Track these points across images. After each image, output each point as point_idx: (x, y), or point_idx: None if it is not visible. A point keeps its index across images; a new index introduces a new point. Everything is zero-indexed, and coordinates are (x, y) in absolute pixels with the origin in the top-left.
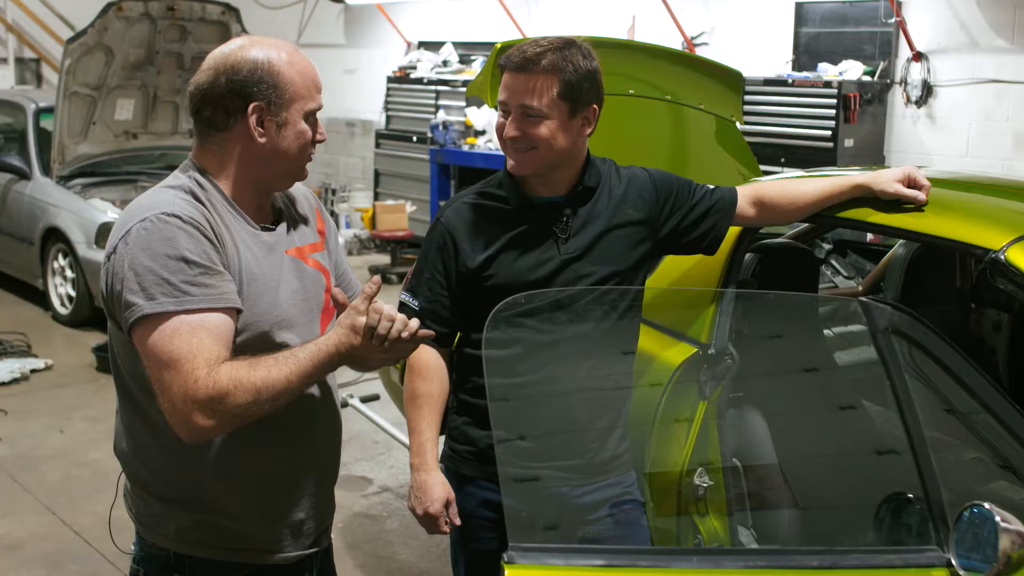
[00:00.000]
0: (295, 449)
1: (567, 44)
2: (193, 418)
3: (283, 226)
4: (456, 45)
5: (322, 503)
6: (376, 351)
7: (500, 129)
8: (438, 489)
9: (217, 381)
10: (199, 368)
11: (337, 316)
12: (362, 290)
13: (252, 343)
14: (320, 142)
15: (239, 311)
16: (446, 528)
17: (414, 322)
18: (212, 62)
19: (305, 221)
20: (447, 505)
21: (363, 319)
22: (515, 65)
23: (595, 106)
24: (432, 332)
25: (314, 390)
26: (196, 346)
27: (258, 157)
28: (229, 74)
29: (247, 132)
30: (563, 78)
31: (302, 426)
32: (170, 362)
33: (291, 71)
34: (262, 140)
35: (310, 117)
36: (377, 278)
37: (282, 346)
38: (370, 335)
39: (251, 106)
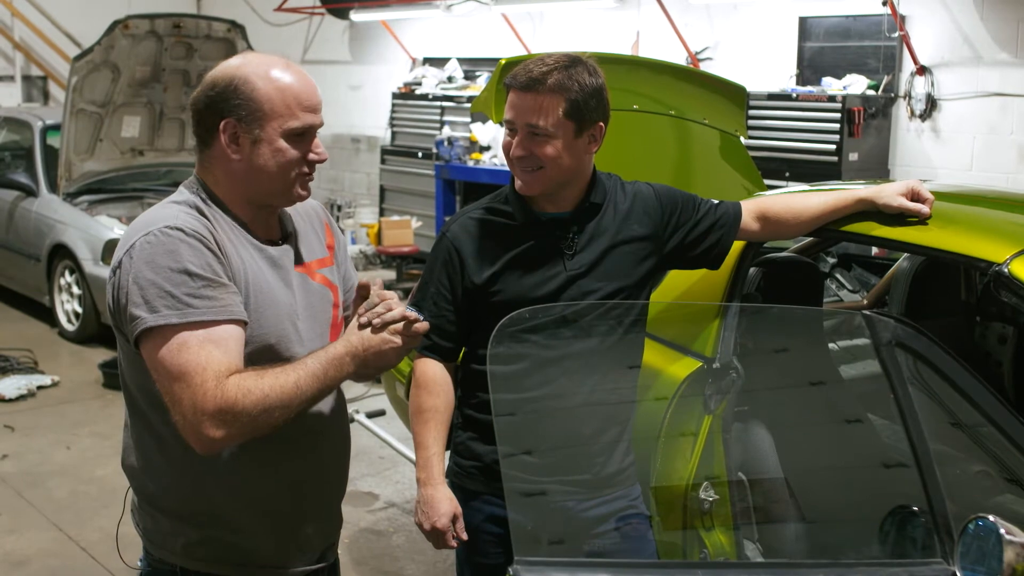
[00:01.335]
0: (303, 464)
1: (573, 62)
2: (204, 429)
3: (291, 242)
4: (461, 61)
5: (330, 518)
6: (383, 347)
7: (507, 148)
8: (445, 504)
9: (225, 392)
10: (208, 380)
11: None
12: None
13: (258, 357)
14: (317, 162)
15: (246, 323)
16: (453, 543)
17: (410, 312)
18: (204, 78)
19: (314, 236)
20: (454, 520)
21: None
22: (521, 84)
23: (601, 123)
24: (426, 324)
25: (323, 405)
26: (205, 358)
27: (238, 175)
28: (207, 90)
29: (224, 149)
30: (569, 97)
31: (310, 441)
32: (180, 375)
33: (268, 87)
34: (236, 157)
35: (292, 136)
36: (379, 279)
37: (288, 360)
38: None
39: (223, 122)
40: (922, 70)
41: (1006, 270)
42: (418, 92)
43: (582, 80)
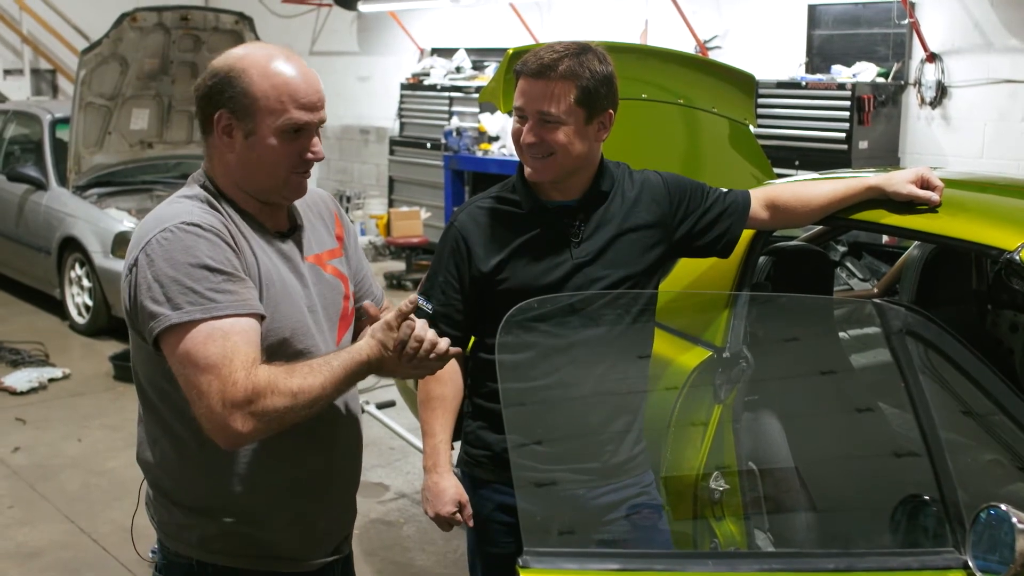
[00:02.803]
0: (318, 456)
1: (583, 49)
2: (232, 422)
3: (300, 233)
4: (469, 51)
5: (344, 510)
6: (404, 366)
7: (516, 135)
8: (450, 491)
9: (256, 383)
10: (236, 371)
11: (355, 323)
12: (398, 308)
13: (272, 349)
14: (313, 161)
15: (263, 317)
16: (460, 519)
17: (444, 342)
18: (208, 65)
19: (323, 227)
20: (461, 507)
21: (395, 335)
22: (532, 71)
23: (611, 111)
24: (460, 349)
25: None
26: (231, 350)
27: (233, 167)
28: (208, 77)
29: (218, 140)
30: (580, 84)
31: (326, 433)
32: (207, 367)
33: (264, 82)
34: (229, 149)
35: (287, 133)
36: (414, 296)
37: (302, 352)
38: (400, 350)
39: (217, 113)
40: (932, 57)
41: (1017, 258)
42: (426, 83)
43: (593, 67)
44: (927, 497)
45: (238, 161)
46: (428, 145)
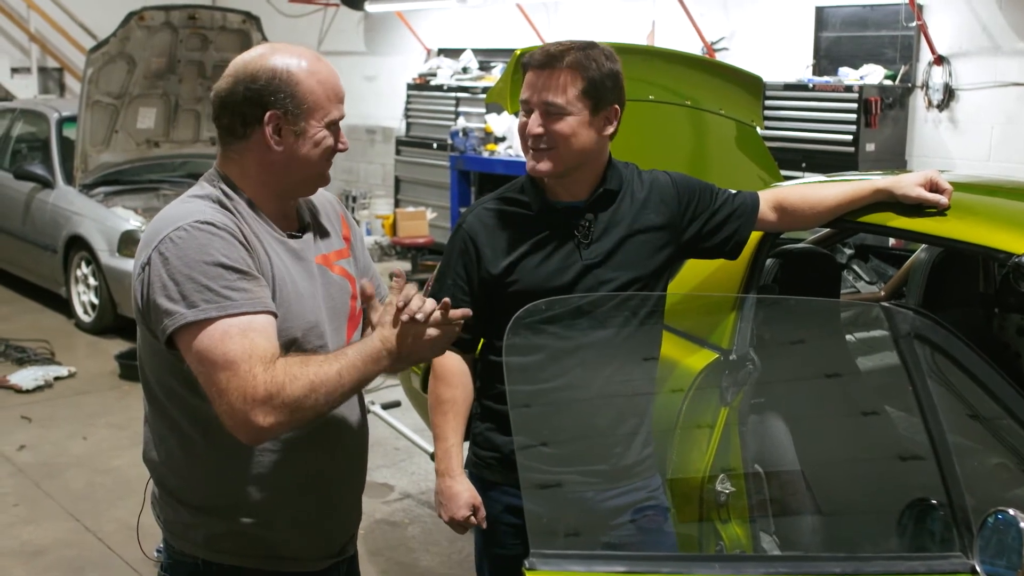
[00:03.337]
0: (325, 456)
1: (590, 45)
2: (253, 417)
3: (309, 233)
4: (476, 52)
5: (350, 510)
6: (420, 340)
7: (523, 129)
8: (464, 495)
9: (275, 377)
10: (256, 367)
11: (364, 318)
12: (390, 288)
13: (284, 349)
14: (342, 151)
15: (276, 316)
16: (475, 521)
17: (444, 301)
18: (233, 69)
19: (331, 228)
20: (475, 510)
21: (393, 306)
22: (538, 63)
23: (617, 107)
24: (468, 310)
25: None
26: (249, 346)
27: (277, 165)
28: (247, 82)
29: (264, 141)
30: (586, 75)
31: (332, 433)
32: (226, 364)
33: (311, 81)
34: (279, 148)
35: (331, 126)
36: (400, 270)
37: (313, 352)
38: (399, 317)
39: (267, 115)
40: (940, 60)
41: None
42: (433, 83)
43: (599, 61)
44: (934, 501)
45: (286, 159)
46: (434, 145)
